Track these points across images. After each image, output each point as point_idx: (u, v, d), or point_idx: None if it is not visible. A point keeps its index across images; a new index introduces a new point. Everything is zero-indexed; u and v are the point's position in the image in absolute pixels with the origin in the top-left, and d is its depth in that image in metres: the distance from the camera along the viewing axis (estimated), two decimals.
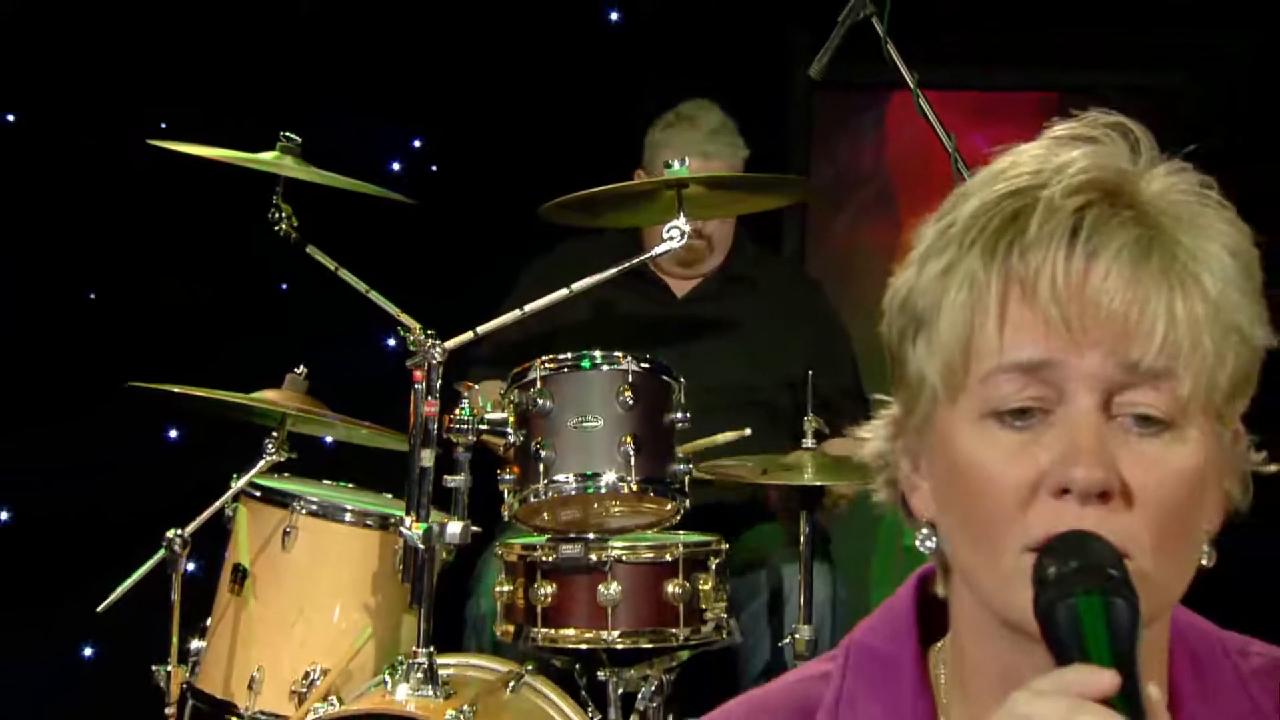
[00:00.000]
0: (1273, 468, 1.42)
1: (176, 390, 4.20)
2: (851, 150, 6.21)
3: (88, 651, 5.11)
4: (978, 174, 1.38)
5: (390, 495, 4.20)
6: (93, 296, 5.44)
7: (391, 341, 4.40)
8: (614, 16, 5.88)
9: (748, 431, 4.26)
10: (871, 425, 1.47)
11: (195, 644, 4.22)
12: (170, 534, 4.12)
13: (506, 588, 4.12)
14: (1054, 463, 1.28)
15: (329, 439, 4.79)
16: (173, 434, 5.21)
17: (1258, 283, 1.35)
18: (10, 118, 5.42)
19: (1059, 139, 1.37)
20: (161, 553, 4.13)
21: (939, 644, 1.48)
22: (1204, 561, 1.37)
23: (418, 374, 3.93)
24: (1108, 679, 1.17)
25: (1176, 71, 5.81)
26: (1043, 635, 1.25)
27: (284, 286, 5.21)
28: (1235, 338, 1.31)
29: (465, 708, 3.73)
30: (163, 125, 4.66)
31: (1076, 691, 1.17)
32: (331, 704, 3.90)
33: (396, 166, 5.75)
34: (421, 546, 3.85)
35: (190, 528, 4.14)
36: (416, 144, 5.82)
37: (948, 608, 1.46)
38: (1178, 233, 1.32)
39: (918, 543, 1.42)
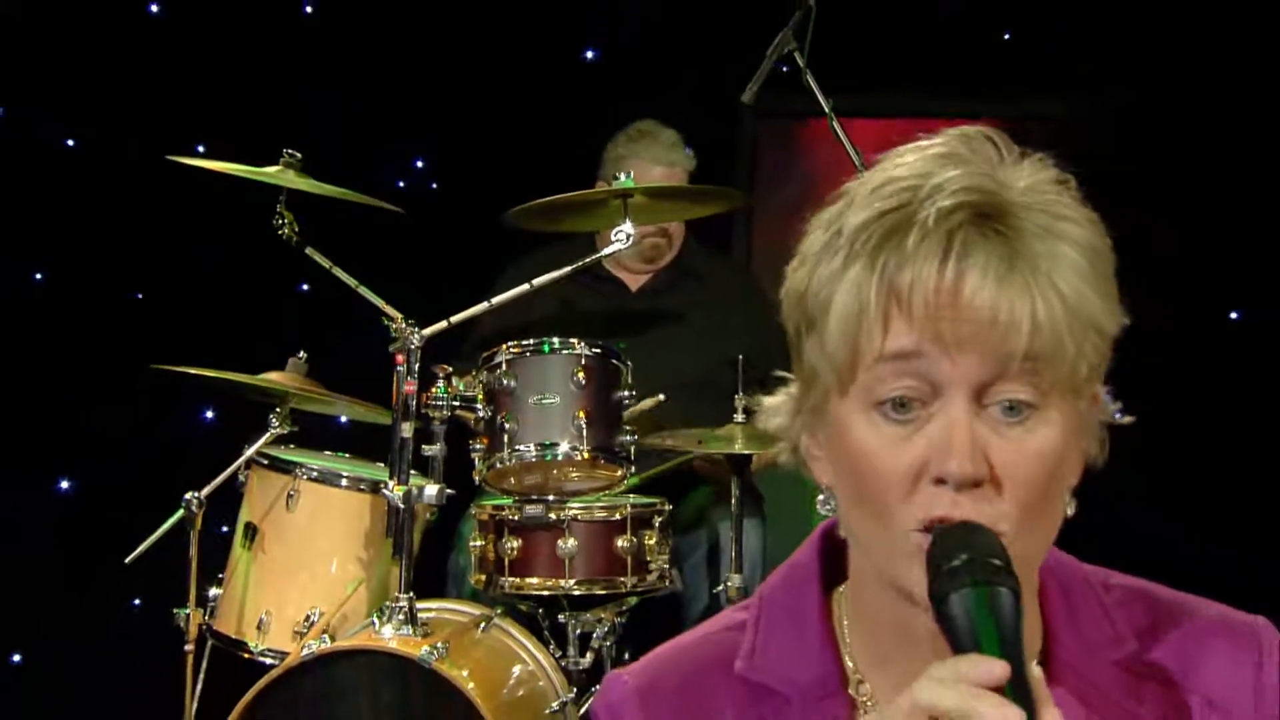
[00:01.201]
0: (1128, 419, 1.41)
1: (193, 372, 4.19)
2: (783, 167, 6.22)
3: (135, 601, 5.00)
4: (861, 179, 1.35)
5: (382, 464, 4.15)
6: (140, 296, 5.38)
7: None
8: (589, 55, 5.84)
9: (662, 398, 4.29)
10: (775, 401, 1.44)
11: (213, 591, 4.21)
12: (188, 496, 4.11)
13: (479, 543, 4.19)
14: (932, 455, 1.27)
15: (334, 415, 4.72)
16: (198, 412, 5.13)
17: (1110, 275, 1.34)
18: (71, 142, 5.36)
19: (936, 155, 1.33)
20: (180, 512, 4.12)
21: (841, 588, 1.45)
22: (1068, 512, 1.36)
23: (399, 358, 3.94)
24: (999, 669, 1.16)
25: (1066, 102, 5.74)
26: (936, 620, 1.23)
27: (303, 287, 5.16)
28: (1092, 332, 1.30)
29: (439, 644, 3.74)
30: (200, 149, 4.56)
31: (973, 679, 1.16)
32: (324, 641, 3.86)
33: (402, 184, 5.68)
34: (402, 506, 3.87)
35: (205, 490, 4.14)
36: (419, 164, 5.76)
37: (847, 556, 1.44)
38: (1038, 243, 1.29)
39: (819, 504, 1.40)
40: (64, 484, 5.37)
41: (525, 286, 4.03)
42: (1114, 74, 5.60)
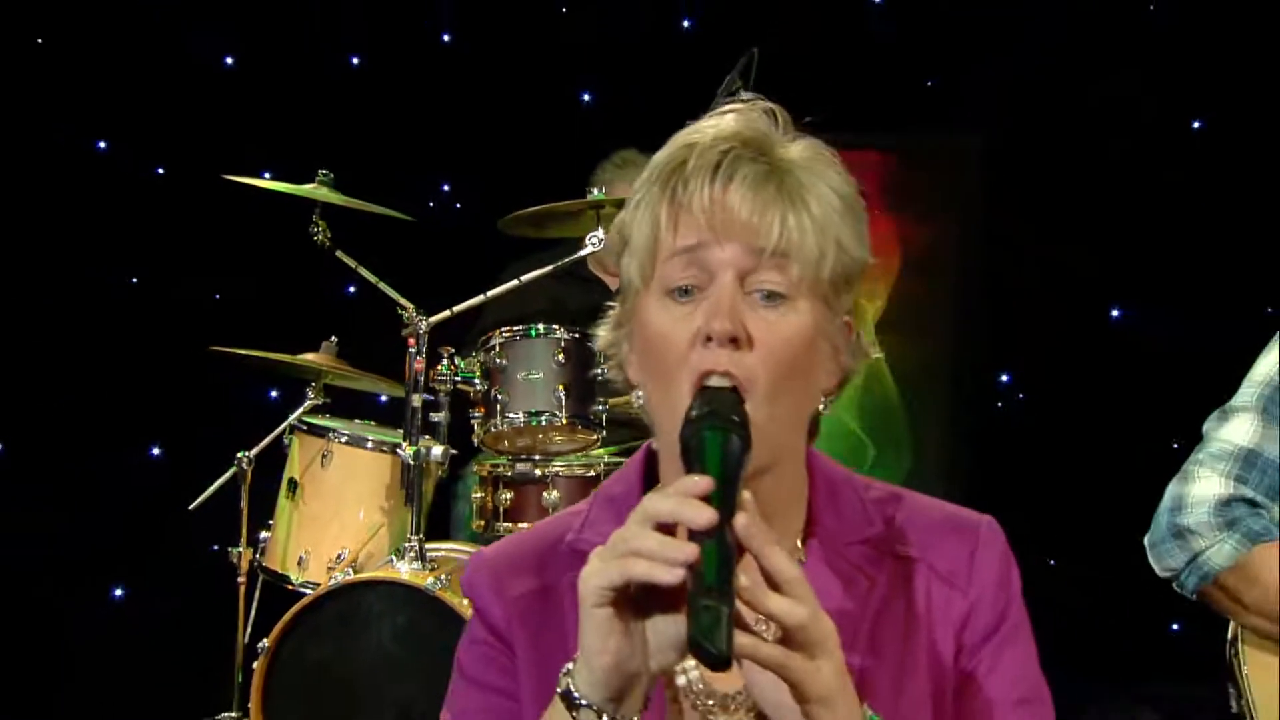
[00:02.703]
0: (877, 354, 1.46)
1: (245, 353, 4.19)
2: None
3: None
4: (670, 140, 1.42)
5: (399, 430, 4.12)
6: (218, 297, 5.36)
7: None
8: (585, 98, 5.81)
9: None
10: (603, 324, 1.48)
11: (263, 534, 4.19)
12: (240, 455, 4.15)
13: (479, 494, 4.18)
14: (703, 320, 1.31)
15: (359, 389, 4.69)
16: (252, 387, 5.09)
17: (860, 219, 1.39)
18: (160, 170, 5.35)
19: (726, 113, 1.41)
20: (233, 469, 4.15)
21: (658, 486, 1.44)
22: (821, 409, 1.42)
23: (411, 341, 3.94)
24: (705, 482, 1.17)
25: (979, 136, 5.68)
26: (681, 458, 1.25)
27: (336, 282, 5.13)
28: (834, 245, 1.35)
29: (443, 576, 3.77)
30: (266, 174, 4.51)
31: (685, 490, 1.17)
32: (350, 574, 3.89)
33: (432, 205, 5.65)
34: (413, 464, 3.89)
35: (254, 451, 4.17)
36: (446, 188, 5.73)
37: (660, 467, 1.46)
38: (796, 172, 1.35)
39: (633, 400, 1.43)
40: (155, 450, 5.36)
41: (515, 282, 4.01)
42: (1014, 114, 5.54)
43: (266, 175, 4.39)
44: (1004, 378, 5.85)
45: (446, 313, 3.96)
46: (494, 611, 1.42)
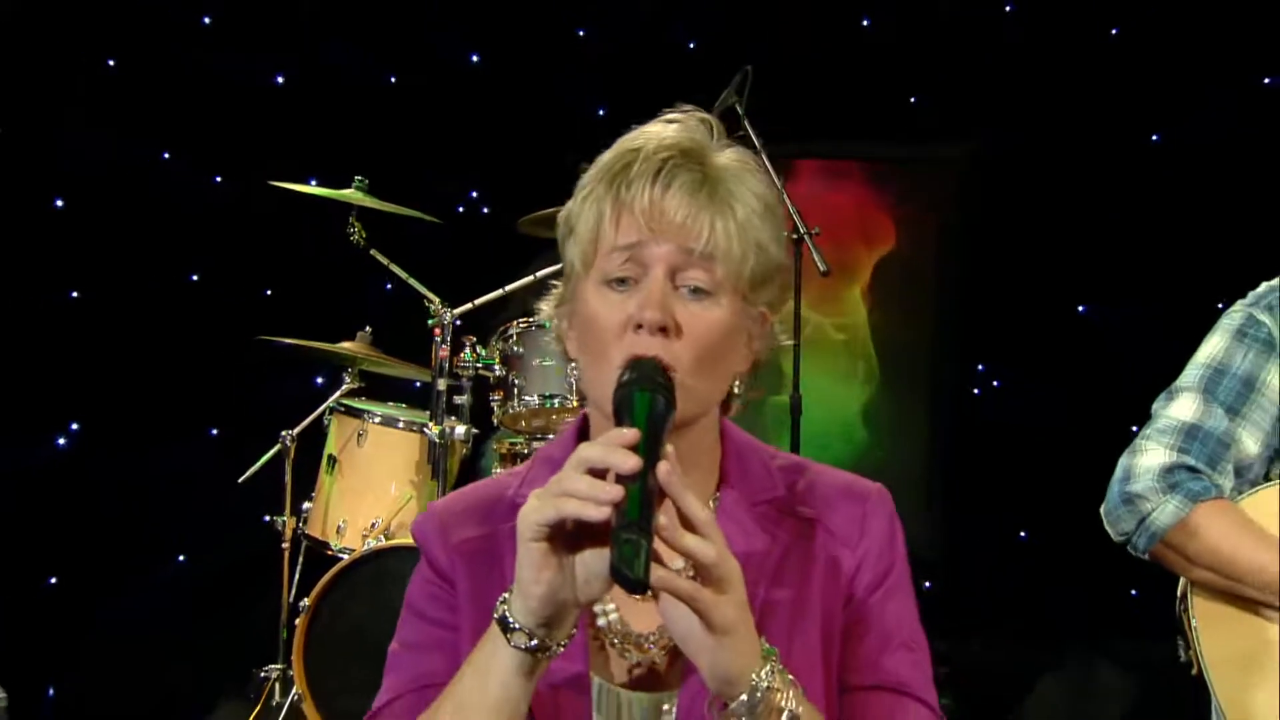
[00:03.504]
0: (787, 341, 1.47)
1: (288, 341, 4.18)
2: None
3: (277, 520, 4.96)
4: (616, 142, 1.44)
5: (428, 412, 4.11)
6: (270, 293, 5.33)
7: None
8: (601, 112, 5.76)
9: None
10: (547, 300, 1.50)
11: (305, 505, 4.21)
12: (283, 434, 4.16)
13: (498, 469, 4.11)
14: (635, 309, 1.34)
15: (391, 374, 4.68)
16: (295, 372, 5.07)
17: (778, 221, 1.42)
18: (218, 179, 5.33)
19: (665, 122, 1.43)
20: (278, 446, 4.15)
21: None
22: (735, 388, 1.43)
23: (437, 331, 3.96)
24: (632, 433, 1.20)
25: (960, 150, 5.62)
26: (614, 416, 1.28)
27: (387, 285, 5.10)
28: (755, 248, 1.37)
29: None
30: (312, 180, 4.50)
31: (614, 440, 1.20)
32: (381, 540, 3.89)
33: (462, 210, 5.62)
34: (438, 441, 3.90)
35: (297, 430, 4.18)
36: (474, 194, 5.70)
37: (590, 433, 1.49)
38: (725, 180, 1.37)
39: (569, 370, 1.46)
40: (213, 430, 5.35)
41: (530, 278, 3.97)
42: (990, 127, 5.49)
43: (313, 182, 4.37)
44: (980, 367, 5.80)
45: (469, 305, 3.96)
46: (439, 555, 1.44)
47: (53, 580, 4.96)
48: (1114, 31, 5.49)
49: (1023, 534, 5.68)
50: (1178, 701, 2.39)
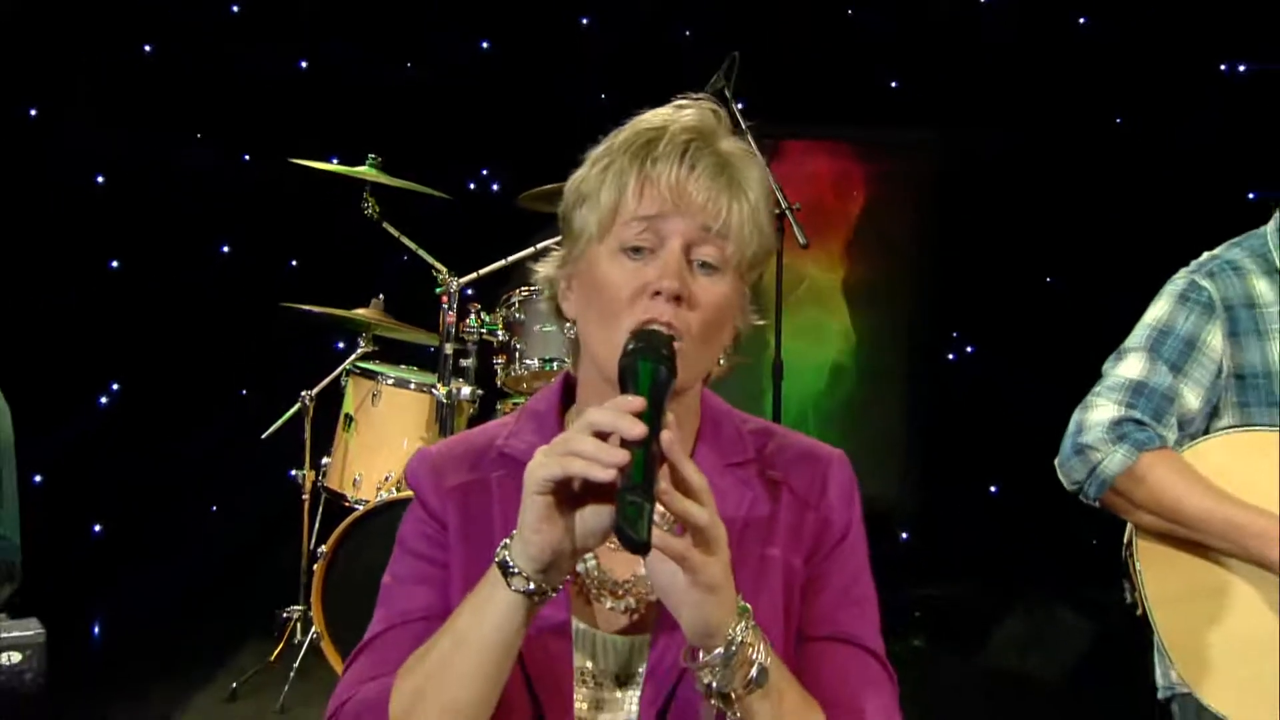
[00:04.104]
0: (760, 321, 1.45)
1: (306, 308, 4.14)
2: None
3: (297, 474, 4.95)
4: (630, 122, 1.39)
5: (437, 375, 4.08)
6: (294, 263, 5.31)
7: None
8: (603, 96, 5.71)
9: None
10: (545, 263, 1.46)
11: (324, 460, 4.18)
12: (303, 393, 4.13)
13: None
14: (654, 276, 1.32)
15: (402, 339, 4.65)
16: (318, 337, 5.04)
17: (771, 208, 1.41)
18: (246, 157, 5.29)
19: (677, 107, 1.40)
20: (298, 405, 4.13)
21: (573, 407, 1.46)
22: (722, 360, 1.42)
23: (444, 298, 3.90)
24: (639, 401, 1.19)
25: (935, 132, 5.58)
26: (619, 381, 1.26)
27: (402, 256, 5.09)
28: (759, 231, 1.36)
29: None
30: (334, 160, 4.45)
31: (621, 407, 1.18)
32: (393, 492, 3.86)
33: (472, 186, 5.58)
34: (445, 401, 3.85)
35: (316, 390, 4.15)
36: (484, 171, 5.66)
37: (576, 393, 1.46)
38: (738, 167, 1.36)
39: (565, 330, 1.44)
40: (243, 391, 5.34)
41: (530, 250, 3.92)
42: (964, 113, 5.44)
43: (334, 160, 4.33)
44: (955, 333, 5.78)
45: (474, 274, 3.92)
46: (431, 498, 1.42)
47: (97, 528, 4.98)
48: (1081, 21, 5.44)
49: (993, 489, 5.67)
50: (1127, 642, 2.38)
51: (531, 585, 1.21)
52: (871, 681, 1.37)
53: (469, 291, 3.94)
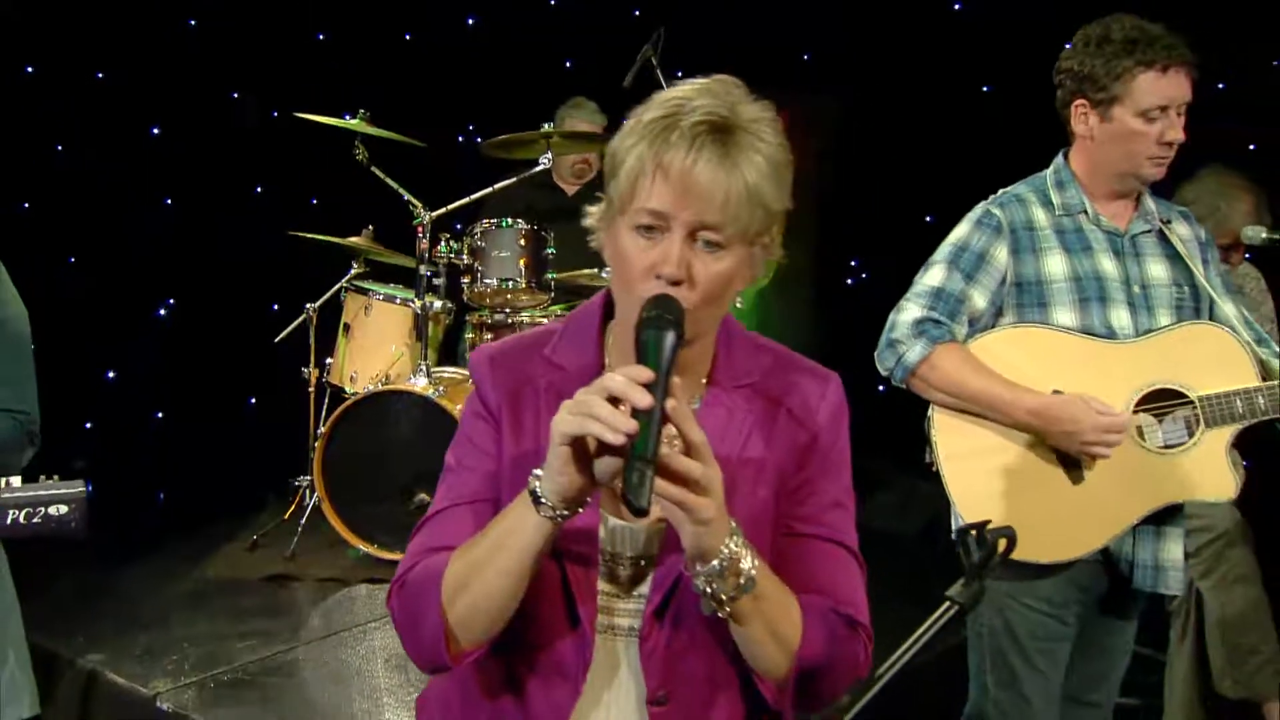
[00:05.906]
0: (779, 253, 1.33)
1: (308, 235, 4.11)
2: None
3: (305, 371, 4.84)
4: (661, 94, 1.27)
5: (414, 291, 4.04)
6: (315, 201, 5.18)
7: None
8: (568, 64, 5.57)
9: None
10: (594, 211, 1.36)
11: (327, 360, 4.17)
12: (307, 305, 4.09)
13: (470, 335, 4.09)
14: (657, 261, 1.25)
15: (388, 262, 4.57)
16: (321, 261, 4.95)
17: (786, 176, 1.28)
18: (274, 115, 5.15)
19: (699, 88, 1.26)
20: (303, 315, 4.07)
21: (612, 322, 1.40)
22: (738, 304, 1.30)
23: (419, 228, 3.86)
24: (648, 374, 1.14)
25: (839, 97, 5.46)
26: (635, 348, 1.20)
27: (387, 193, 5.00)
28: (761, 210, 1.26)
29: (441, 388, 3.72)
30: (346, 114, 4.32)
31: (633, 376, 1.14)
32: (379, 385, 3.86)
33: (461, 139, 5.46)
34: (420, 313, 3.83)
35: (318, 303, 4.12)
36: (470, 127, 5.53)
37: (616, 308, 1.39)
38: (744, 149, 1.24)
39: (604, 273, 1.37)
40: (275, 306, 5.27)
41: (490, 190, 3.87)
42: (862, 80, 5.33)
43: (346, 116, 4.19)
44: (853, 262, 5.72)
45: (443, 209, 3.86)
46: (489, 392, 1.38)
47: (159, 415, 4.96)
48: (956, 7, 5.31)
49: (880, 388, 5.65)
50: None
51: (556, 513, 1.21)
52: (846, 568, 1.36)
53: (441, 223, 3.87)
